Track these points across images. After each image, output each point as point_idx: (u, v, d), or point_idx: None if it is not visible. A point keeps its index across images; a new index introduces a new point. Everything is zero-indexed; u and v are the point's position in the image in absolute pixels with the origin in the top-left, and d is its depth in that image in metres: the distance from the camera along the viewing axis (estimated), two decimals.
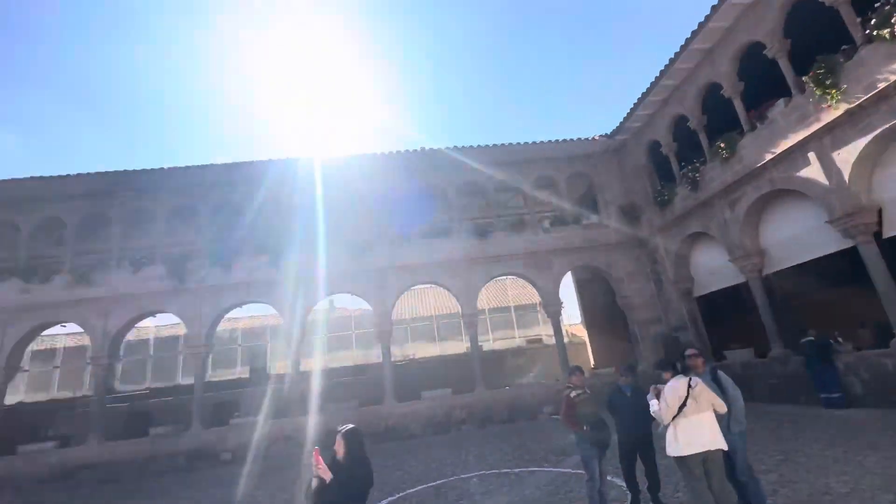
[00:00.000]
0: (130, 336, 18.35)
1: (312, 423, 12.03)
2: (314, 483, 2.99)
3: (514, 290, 22.81)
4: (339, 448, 3.12)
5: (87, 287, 13.02)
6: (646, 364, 13.30)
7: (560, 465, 7.29)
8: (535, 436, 10.26)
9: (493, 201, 15.40)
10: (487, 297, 22.53)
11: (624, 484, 5.07)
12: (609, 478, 5.17)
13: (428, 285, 15.95)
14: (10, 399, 14.47)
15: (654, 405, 4.00)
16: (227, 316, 14.67)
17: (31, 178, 12.80)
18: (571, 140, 14.74)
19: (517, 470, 7.36)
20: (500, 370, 17.35)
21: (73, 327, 15.80)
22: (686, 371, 4.08)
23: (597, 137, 14.86)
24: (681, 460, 3.76)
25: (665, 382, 3.99)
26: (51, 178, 12.85)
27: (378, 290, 13.82)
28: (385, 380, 13.12)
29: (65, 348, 20.04)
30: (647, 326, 14.19)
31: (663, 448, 3.92)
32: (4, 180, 12.79)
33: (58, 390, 18.85)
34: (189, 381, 15.08)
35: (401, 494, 6.67)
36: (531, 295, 19.50)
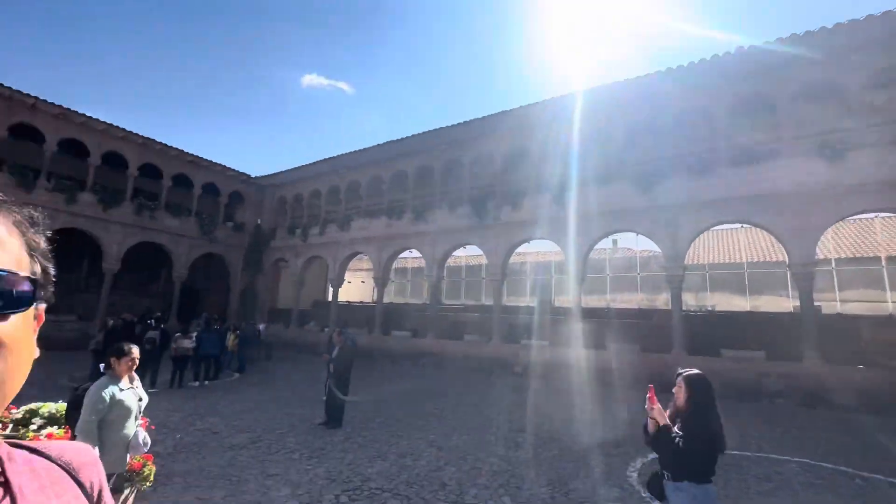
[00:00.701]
0: (450, 262, 23.36)
1: (591, 356, 12.38)
2: (649, 424, 2.66)
3: (887, 233, 15.79)
4: (680, 394, 2.64)
5: (422, 223, 17.15)
6: None
7: None
8: None
9: (857, 104, 10.61)
10: (836, 243, 16.54)
11: None
12: None
13: (735, 225, 13.00)
14: (386, 299, 21.26)
15: None
16: (518, 250, 16.45)
17: (387, 142, 17.70)
18: None
19: (865, 474, 5.41)
20: (850, 341, 12.72)
21: (415, 252, 21.38)
22: None
23: None
24: None
25: None
26: (395, 141, 17.33)
27: (668, 228, 12.27)
28: (673, 329, 11.89)
29: (412, 268, 27.54)
30: None
31: None
32: (371, 147, 18.14)
33: (409, 296, 26.35)
34: (490, 302, 18.03)
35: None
36: None
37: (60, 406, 4.88)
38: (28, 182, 15.41)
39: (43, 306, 0.51)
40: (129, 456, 3.30)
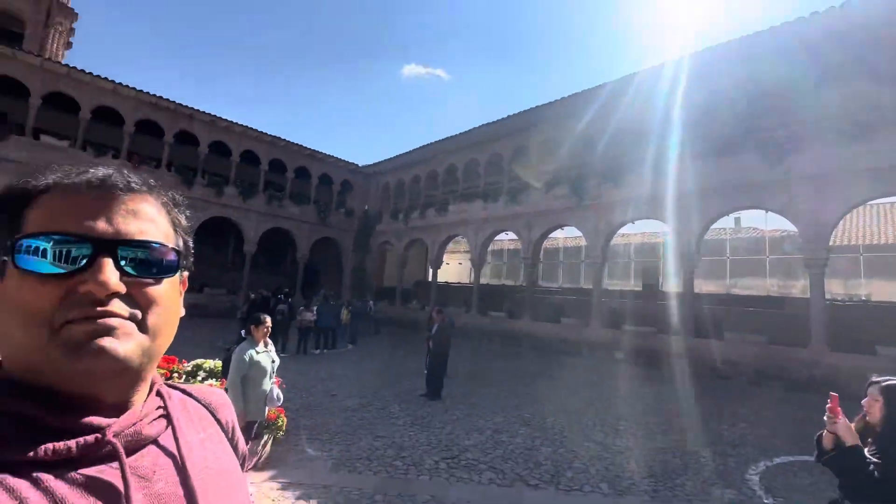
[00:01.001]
0: (547, 244, 22.81)
1: (705, 346, 11.27)
2: (825, 439, 2.13)
3: None
4: (874, 408, 2.08)
5: (517, 205, 16.96)
6: None
7: None
8: None
9: None
10: None
11: None
12: None
13: None
14: (483, 281, 21.57)
15: None
16: (622, 231, 15.45)
17: (482, 125, 17.70)
18: None
19: None
20: None
21: (511, 234, 21.25)
22: None
23: None
24: None
25: None
26: (490, 123, 17.29)
27: (807, 204, 10.45)
28: (812, 320, 10.23)
29: (508, 250, 27.46)
30: None
31: None
32: (467, 130, 18.30)
33: (505, 278, 26.39)
34: (590, 285, 17.31)
35: None
36: None
37: (217, 363, 5.99)
38: (189, 179, 18.61)
39: (185, 273, 0.59)
40: (266, 409, 3.97)
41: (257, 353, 3.88)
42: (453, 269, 27.84)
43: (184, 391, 0.64)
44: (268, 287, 18.03)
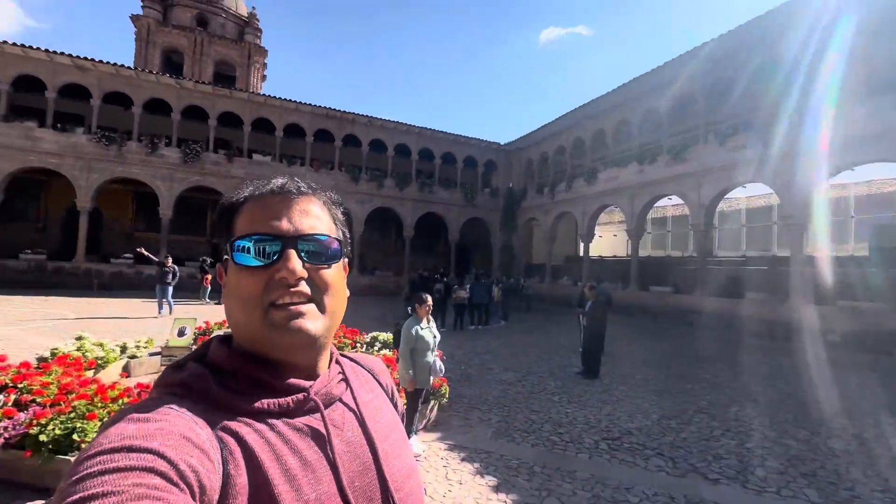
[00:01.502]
0: (723, 206, 19.42)
1: None
2: None
3: None
4: None
5: (681, 164, 14.80)
6: None
7: None
8: None
9: None
10: None
11: None
12: None
13: None
14: (642, 253, 19.62)
15: None
16: (836, 180, 12.17)
17: (632, 79, 15.86)
18: None
19: None
20: None
21: (676, 199, 18.76)
22: None
23: None
24: None
25: None
26: (643, 76, 15.37)
27: None
28: None
29: (672, 216, 24.28)
30: None
31: None
32: (615, 88, 16.59)
33: (671, 249, 23.47)
34: (786, 252, 14.20)
35: None
36: None
37: (389, 336, 6.85)
38: (355, 176, 21.36)
39: (346, 260, 0.68)
40: (431, 378, 4.39)
41: (421, 328, 4.30)
42: (607, 241, 26.02)
43: (351, 359, 0.76)
44: (425, 268, 19.69)
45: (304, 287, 0.58)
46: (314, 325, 0.58)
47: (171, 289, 11.86)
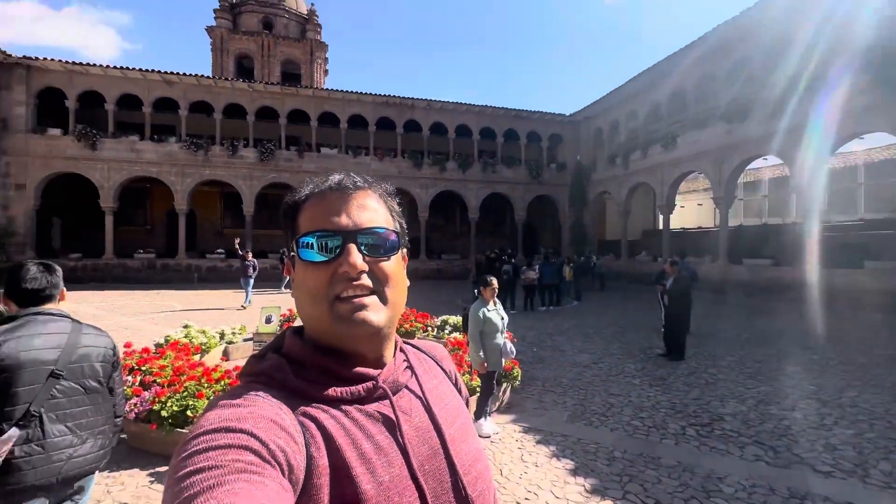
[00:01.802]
0: (836, 162, 16.89)
1: None
2: None
3: None
4: None
5: (779, 118, 13.01)
6: None
7: None
8: None
9: None
10: None
11: None
12: None
13: None
14: (733, 222, 17.77)
15: None
16: None
17: (718, 25, 14.25)
18: None
19: None
20: None
21: (773, 160, 16.65)
22: None
23: None
24: None
25: None
26: (731, 20, 13.68)
27: None
28: None
29: (769, 179, 21.64)
30: None
31: None
32: (696, 40, 14.98)
33: (768, 216, 21.00)
34: None
35: None
36: None
37: (458, 319, 6.92)
38: (418, 162, 21.59)
39: (404, 251, 0.68)
40: (503, 360, 4.36)
41: (488, 310, 4.27)
42: (690, 211, 24.03)
43: (415, 346, 0.77)
44: (491, 249, 19.54)
45: (365, 280, 0.60)
46: (377, 317, 0.59)
47: (252, 280, 12.84)
